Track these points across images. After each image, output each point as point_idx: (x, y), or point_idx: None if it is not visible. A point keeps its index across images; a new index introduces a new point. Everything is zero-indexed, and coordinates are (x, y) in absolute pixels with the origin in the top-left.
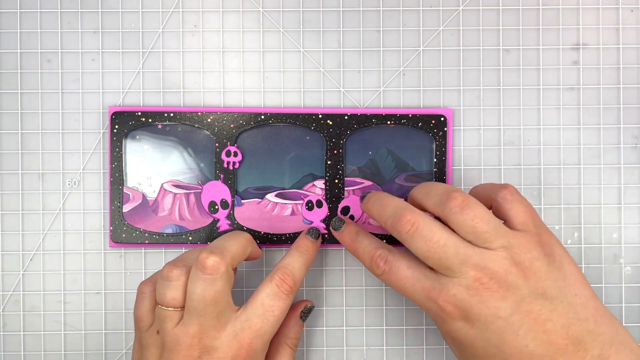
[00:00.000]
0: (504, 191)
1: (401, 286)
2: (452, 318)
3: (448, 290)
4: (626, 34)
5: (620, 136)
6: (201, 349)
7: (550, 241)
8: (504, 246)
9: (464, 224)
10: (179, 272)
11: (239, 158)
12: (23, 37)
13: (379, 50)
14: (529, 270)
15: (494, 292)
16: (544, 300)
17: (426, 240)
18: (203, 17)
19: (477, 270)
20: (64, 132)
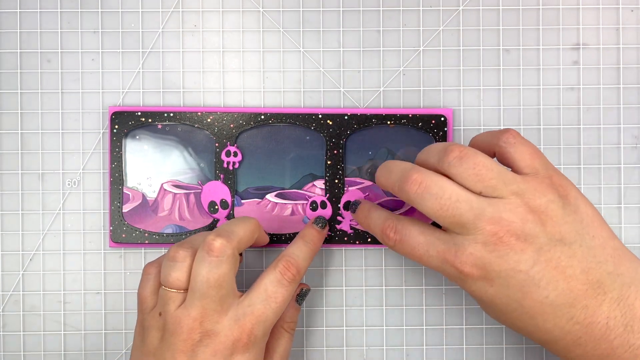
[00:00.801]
0: (506, 135)
1: (415, 254)
2: (472, 278)
3: (465, 249)
4: (626, 34)
5: (620, 136)
6: (202, 332)
7: (563, 182)
8: (516, 193)
9: (466, 174)
10: (185, 253)
11: (239, 158)
12: (23, 37)
13: (379, 50)
14: (545, 215)
15: (512, 245)
16: (563, 246)
17: (437, 198)
18: (203, 17)
19: (493, 224)
20: (63, 132)
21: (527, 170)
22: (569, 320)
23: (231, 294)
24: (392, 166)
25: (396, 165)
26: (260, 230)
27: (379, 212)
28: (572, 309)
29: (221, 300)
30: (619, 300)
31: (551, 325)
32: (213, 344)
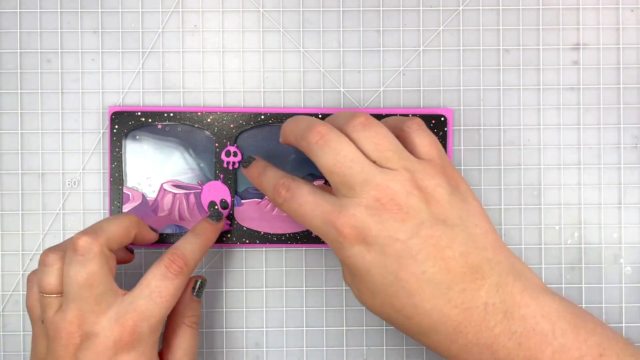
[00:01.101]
0: (411, 121)
1: (300, 212)
2: (350, 242)
3: (348, 210)
4: (626, 34)
5: (620, 136)
6: (82, 335)
7: (455, 175)
8: (407, 169)
9: (366, 140)
10: (55, 256)
11: (239, 158)
12: (23, 37)
13: (379, 50)
14: (431, 196)
15: (394, 213)
16: (445, 227)
17: (334, 153)
18: (203, 17)
19: (379, 190)
20: (63, 132)
21: (425, 156)
22: (447, 303)
23: (109, 293)
24: (300, 118)
25: (305, 118)
26: (140, 226)
27: (275, 170)
28: (450, 290)
29: (97, 299)
30: (497, 286)
31: (430, 306)
32: (93, 345)
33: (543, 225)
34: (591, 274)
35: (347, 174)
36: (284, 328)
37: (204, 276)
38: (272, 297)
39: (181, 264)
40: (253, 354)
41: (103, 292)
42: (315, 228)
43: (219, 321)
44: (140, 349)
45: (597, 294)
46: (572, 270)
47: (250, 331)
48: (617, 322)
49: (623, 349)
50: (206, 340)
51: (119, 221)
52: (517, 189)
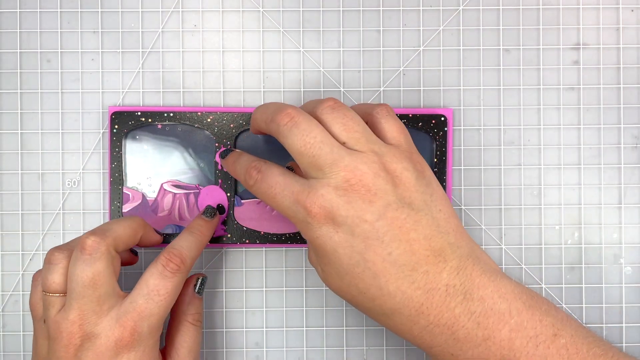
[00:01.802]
0: (379, 107)
1: (270, 193)
2: (318, 221)
3: (316, 190)
4: (626, 34)
5: (620, 136)
6: (82, 336)
7: (421, 161)
8: (375, 151)
9: (334, 122)
10: (61, 255)
11: None
12: (23, 37)
13: (379, 50)
14: (398, 178)
15: (362, 194)
16: (410, 210)
17: (304, 134)
18: (203, 17)
19: (347, 171)
20: (63, 132)
21: (392, 141)
22: (410, 284)
23: (111, 294)
24: (269, 103)
25: (274, 102)
26: (145, 229)
27: (249, 156)
28: (414, 272)
29: (99, 300)
30: (458, 269)
31: (394, 287)
32: (94, 346)
33: (543, 225)
34: (591, 274)
35: (316, 155)
36: (284, 328)
37: (204, 273)
38: (272, 297)
39: (178, 262)
40: (253, 354)
41: (106, 293)
42: (284, 209)
43: (219, 321)
44: (141, 348)
45: (597, 294)
46: (572, 270)
47: (250, 331)
48: (617, 322)
49: (577, 330)
50: (206, 340)
51: (126, 223)
52: (517, 189)
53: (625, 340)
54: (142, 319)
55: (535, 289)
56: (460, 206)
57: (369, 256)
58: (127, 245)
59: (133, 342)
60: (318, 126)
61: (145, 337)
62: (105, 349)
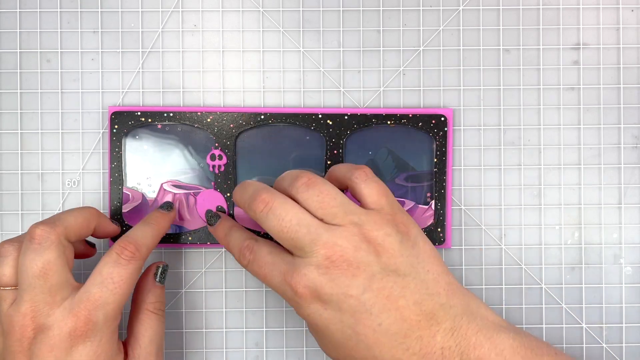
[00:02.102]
0: (358, 171)
1: (261, 273)
2: (305, 300)
3: (300, 270)
4: (626, 34)
5: (621, 136)
6: (35, 328)
7: (405, 221)
8: (354, 222)
9: (310, 200)
10: (11, 247)
11: (224, 161)
12: (23, 37)
13: (379, 50)
14: (381, 246)
15: (344, 270)
16: (396, 277)
17: (280, 219)
18: (203, 17)
19: (327, 248)
20: (63, 132)
21: (373, 206)
22: (405, 351)
23: (64, 285)
24: (247, 185)
25: (251, 185)
26: (99, 219)
27: (240, 232)
28: (407, 339)
29: (51, 290)
30: (452, 330)
31: (389, 356)
32: (47, 338)
33: (543, 225)
34: (591, 274)
35: (295, 238)
36: (284, 328)
37: (165, 262)
38: (272, 297)
39: (132, 249)
40: (253, 354)
41: (58, 283)
42: (275, 287)
43: (219, 321)
44: (97, 338)
45: (597, 294)
46: (572, 270)
47: (250, 331)
48: (617, 322)
49: None
50: (206, 340)
51: (77, 212)
52: (517, 189)
53: (625, 340)
54: (96, 307)
55: (535, 289)
56: (460, 206)
57: (360, 329)
58: (79, 235)
59: (88, 332)
60: (293, 207)
61: (101, 327)
62: (59, 340)
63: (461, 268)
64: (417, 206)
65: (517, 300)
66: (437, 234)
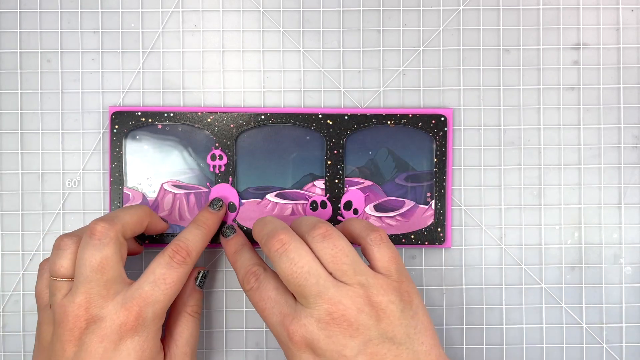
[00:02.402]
0: (375, 234)
1: (261, 306)
2: (299, 349)
3: (300, 319)
4: (626, 34)
5: (620, 136)
6: (88, 319)
7: (410, 290)
8: (362, 284)
9: (324, 252)
10: (70, 241)
11: (224, 161)
12: (23, 37)
13: (379, 50)
14: (382, 312)
15: (343, 329)
16: (391, 345)
17: (292, 263)
18: (203, 17)
19: (331, 304)
20: (63, 132)
21: (382, 271)
22: None
23: (118, 280)
24: (268, 221)
25: (272, 221)
26: (152, 217)
27: (251, 254)
28: None
29: (106, 284)
30: None
31: None
32: (99, 329)
33: (543, 225)
34: (591, 274)
35: (302, 285)
36: None
37: (206, 267)
38: None
39: (184, 255)
40: (253, 354)
41: (112, 278)
42: (270, 325)
43: (219, 321)
44: (144, 334)
45: (597, 294)
46: (572, 270)
47: (250, 331)
48: (617, 322)
49: None
50: (206, 340)
51: (133, 211)
52: (517, 189)
53: (625, 340)
54: (147, 304)
55: (535, 289)
56: (460, 206)
57: None
58: (134, 232)
59: (137, 327)
60: (307, 255)
61: (149, 323)
62: (110, 331)
63: (461, 268)
64: (417, 206)
65: (517, 300)
66: (437, 234)
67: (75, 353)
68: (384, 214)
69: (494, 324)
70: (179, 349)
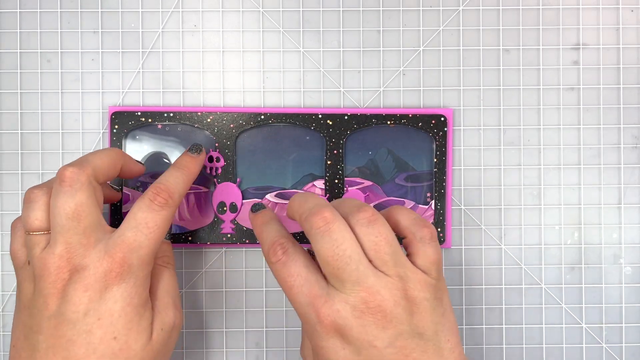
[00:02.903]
0: (426, 230)
1: (289, 282)
2: (327, 333)
3: (333, 303)
4: (626, 34)
5: (620, 136)
6: (71, 269)
7: (443, 289)
8: (400, 276)
9: (367, 237)
10: (40, 191)
11: (222, 163)
12: (23, 37)
13: (379, 50)
14: (416, 307)
15: (377, 319)
16: (420, 340)
17: (334, 244)
18: (203, 17)
19: (369, 293)
20: (63, 132)
21: (423, 267)
22: None
23: (98, 227)
24: (309, 196)
25: (313, 197)
26: (125, 159)
27: (279, 226)
28: None
29: (85, 232)
30: None
31: None
32: (82, 278)
33: (543, 225)
34: (591, 274)
35: (341, 268)
36: (284, 328)
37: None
38: (272, 297)
39: (166, 196)
40: (253, 354)
41: (91, 225)
42: (296, 304)
43: (219, 321)
44: (131, 281)
45: (597, 294)
46: (572, 270)
47: (250, 331)
48: (617, 322)
49: None
50: (206, 340)
51: (104, 154)
52: (517, 189)
53: (625, 340)
54: (131, 250)
55: (535, 289)
56: (460, 206)
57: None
58: (107, 176)
59: (123, 274)
60: (350, 238)
61: (136, 269)
62: (94, 280)
63: (461, 268)
64: (417, 206)
65: (517, 300)
66: (437, 234)
67: (59, 306)
68: None
69: (494, 324)
70: (159, 300)
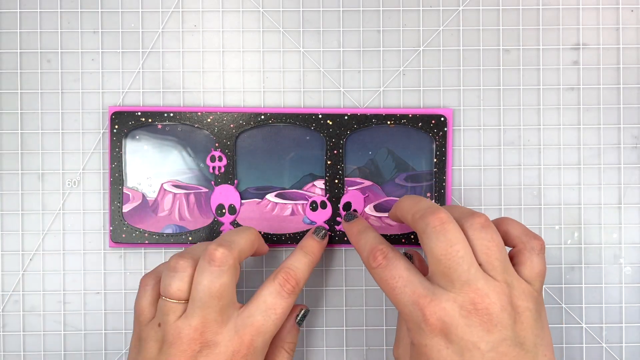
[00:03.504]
0: (537, 242)
1: (392, 284)
2: (432, 331)
3: (440, 302)
4: (626, 34)
5: (620, 136)
6: (202, 343)
7: (541, 303)
8: (508, 283)
9: (479, 242)
10: (186, 263)
11: (224, 162)
12: (23, 37)
13: (379, 50)
14: (519, 316)
15: (483, 321)
16: (520, 350)
17: (448, 243)
18: (203, 17)
19: (478, 295)
20: (63, 132)
21: (528, 278)
22: None
23: (231, 305)
24: (421, 198)
25: (426, 199)
26: (259, 240)
27: (375, 234)
28: None
29: (221, 310)
30: None
31: None
32: (212, 354)
33: (543, 225)
34: (591, 274)
35: (452, 268)
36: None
37: (306, 306)
38: None
39: (294, 284)
40: None
41: (227, 304)
42: (400, 304)
43: None
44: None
45: (597, 294)
46: (572, 270)
47: None
48: (617, 322)
49: None
50: None
51: (246, 235)
52: (517, 189)
53: (625, 340)
54: (258, 334)
55: None
56: None
57: None
58: (246, 257)
59: (248, 355)
60: (463, 240)
61: (259, 352)
62: (224, 357)
63: None
64: None
65: None
66: None
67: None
68: (384, 214)
69: None
70: None
